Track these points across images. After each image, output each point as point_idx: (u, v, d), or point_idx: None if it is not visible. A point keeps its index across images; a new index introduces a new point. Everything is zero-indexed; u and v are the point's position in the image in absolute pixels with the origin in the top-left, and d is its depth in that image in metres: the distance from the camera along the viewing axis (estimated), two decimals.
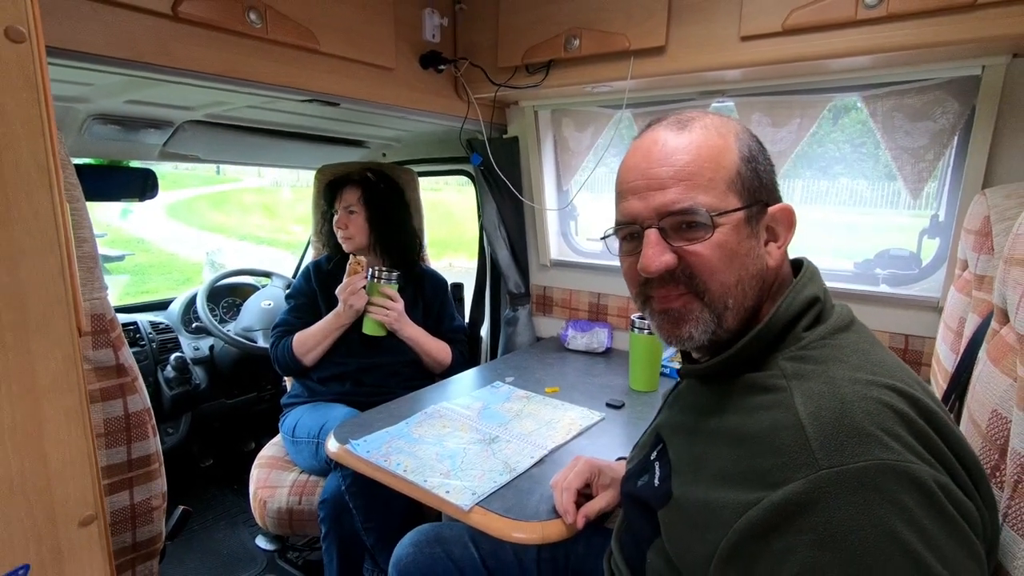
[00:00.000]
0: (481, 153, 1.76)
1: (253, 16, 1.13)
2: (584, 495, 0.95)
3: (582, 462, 0.95)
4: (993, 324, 0.76)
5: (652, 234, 0.61)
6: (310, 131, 1.98)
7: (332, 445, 1.18)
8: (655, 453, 0.73)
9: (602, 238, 0.71)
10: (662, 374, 1.57)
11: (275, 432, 1.80)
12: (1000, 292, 0.70)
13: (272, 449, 1.71)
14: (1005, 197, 1.01)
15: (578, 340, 1.84)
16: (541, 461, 1.10)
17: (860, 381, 0.53)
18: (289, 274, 2.63)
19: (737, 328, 0.64)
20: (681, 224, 0.61)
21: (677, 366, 1.57)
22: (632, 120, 1.70)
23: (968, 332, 0.99)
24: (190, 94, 1.39)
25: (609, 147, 1.78)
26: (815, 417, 0.51)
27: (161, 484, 1.07)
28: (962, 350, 0.96)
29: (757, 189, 0.63)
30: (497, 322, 2.18)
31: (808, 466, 0.48)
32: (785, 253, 0.66)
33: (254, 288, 2.53)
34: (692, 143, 0.61)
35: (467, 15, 1.62)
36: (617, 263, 0.71)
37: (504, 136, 1.90)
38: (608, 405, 1.40)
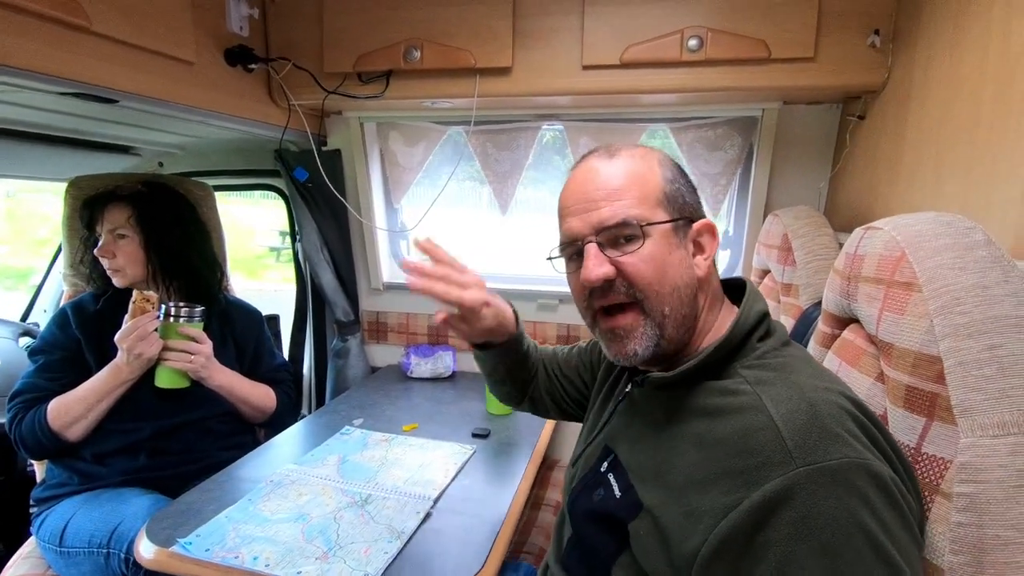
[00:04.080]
0: (306, 167, 1.55)
1: None
2: None
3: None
4: (822, 327, 0.90)
5: (591, 248, 0.66)
6: (56, 132, 1.51)
7: (146, 551, 0.89)
8: (605, 465, 0.72)
9: (548, 258, 0.74)
10: None
11: (19, 539, 1.32)
12: (837, 302, 0.83)
13: (24, 565, 1.23)
14: (795, 218, 1.23)
15: (422, 367, 1.74)
16: (428, 516, 0.99)
17: (819, 388, 0.57)
18: (18, 318, 1.98)
19: (678, 338, 0.68)
20: (617, 238, 0.66)
21: None
22: (466, 137, 1.67)
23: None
24: None
25: (456, 166, 1.72)
26: (788, 419, 0.54)
27: None
28: None
29: (682, 206, 0.69)
30: (322, 356, 1.95)
31: (785, 464, 0.51)
32: (713, 264, 0.72)
33: None
34: (621, 168, 0.68)
35: (281, 9, 1.41)
36: None
37: (324, 148, 1.70)
38: (474, 435, 1.34)
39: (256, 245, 8.45)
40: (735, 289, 0.76)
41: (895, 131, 1.11)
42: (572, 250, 0.70)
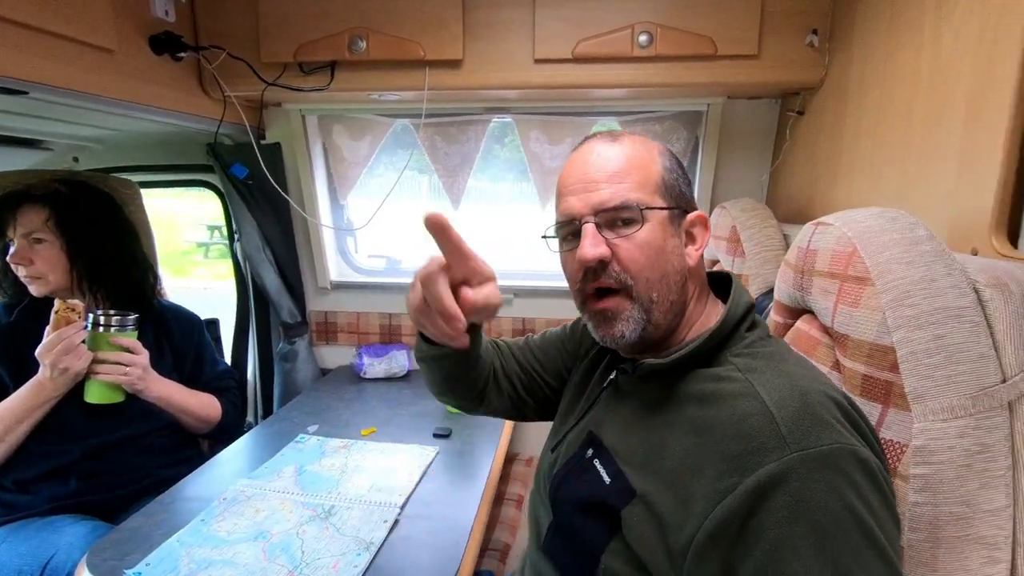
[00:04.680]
0: (245, 162, 1.46)
1: None
2: None
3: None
4: (775, 317, 0.95)
5: (589, 228, 0.66)
6: None
7: None
8: (590, 451, 0.72)
9: (542, 237, 0.74)
10: None
11: None
12: (791, 294, 0.87)
13: None
14: (742, 211, 1.28)
15: (376, 367, 1.69)
16: (397, 524, 0.97)
17: (806, 376, 0.60)
18: None
19: (666, 324, 0.69)
20: (615, 220, 0.67)
21: None
22: (416, 132, 1.62)
23: None
24: None
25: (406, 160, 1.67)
26: (781, 405, 0.56)
27: None
28: None
29: (678, 196, 0.70)
30: (268, 360, 1.86)
31: (779, 449, 0.53)
32: (702, 257, 0.73)
33: None
34: (623, 152, 0.69)
35: None
36: (404, 280, 0.72)
37: (263, 142, 1.61)
38: (436, 436, 1.32)
39: (182, 241, 7.95)
40: (718, 283, 0.78)
41: (833, 127, 1.17)
42: (569, 230, 0.70)
